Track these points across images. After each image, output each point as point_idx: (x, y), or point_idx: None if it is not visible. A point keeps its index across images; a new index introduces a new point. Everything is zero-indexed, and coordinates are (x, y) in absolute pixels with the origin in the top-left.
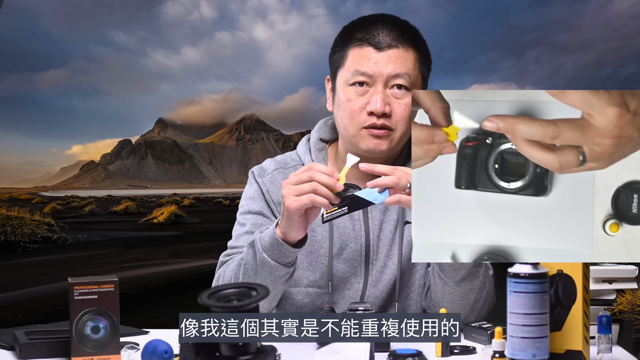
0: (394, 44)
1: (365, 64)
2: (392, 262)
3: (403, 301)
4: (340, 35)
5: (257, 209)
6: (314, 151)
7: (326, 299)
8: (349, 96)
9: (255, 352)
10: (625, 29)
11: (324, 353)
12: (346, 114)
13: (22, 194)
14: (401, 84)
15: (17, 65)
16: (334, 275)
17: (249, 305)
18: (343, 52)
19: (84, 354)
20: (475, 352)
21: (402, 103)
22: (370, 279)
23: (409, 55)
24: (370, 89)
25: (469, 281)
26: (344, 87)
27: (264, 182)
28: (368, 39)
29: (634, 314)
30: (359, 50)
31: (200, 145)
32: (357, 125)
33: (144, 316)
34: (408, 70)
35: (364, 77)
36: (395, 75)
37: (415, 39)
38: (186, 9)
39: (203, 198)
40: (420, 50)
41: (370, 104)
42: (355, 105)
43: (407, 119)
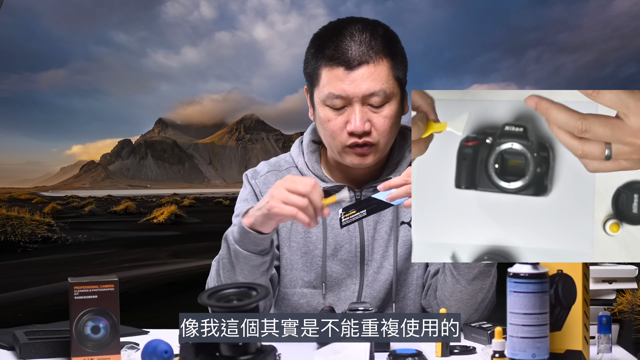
0: (364, 60)
1: (338, 86)
2: (389, 263)
3: (400, 301)
4: (311, 47)
5: None
6: (306, 153)
7: (322, 299)
8: (328, 116)
9: (255, 352)
10: (625, 29)
11: (324, 353)
12: (328, 133)
13: (22, 194)
14: (378, 104)
15: (17, 65)
16: (329, 276)
17: (249, 305)
18: (316, 70)
19: (84, 354)
20: (475, 352)
21: (381, 116)
22: (366, 280)
23: (381, 67)
24: (348, 108)
25: (481, 280)
26: (322, 106)
27: (257, 183)
28: (338, 57)
29: (634, 314)
30: (331, 71)
31: (200, 145)
32: (339, 144)
33: (144, 316)
34: (382, 86)
35: (339, 100)
36: (371, 95)
37: (387, 45)
38: (186, 9)
39: (203, 198)
40: (393, 54)
41: (350, 124)
42: (335, 125)
43: (388, 129)
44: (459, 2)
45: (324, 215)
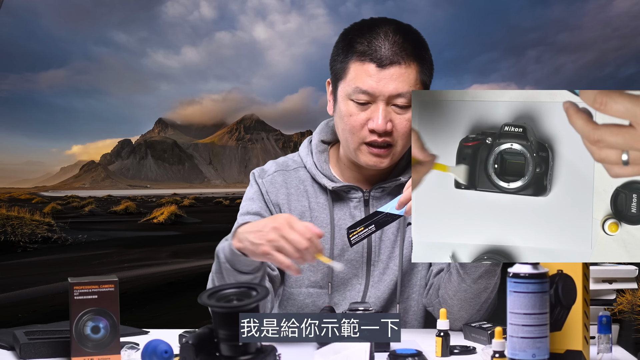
0: (396, 60)
1: (366, 81)
2: (394, 263)
3: (404, 302)
4: (341, 41)
5: (255, 209)
6: (315, 153)
7: (327, 299)
8: (350, 110)
9: (255, 352)
10: (625, 29)
11: (324, 353)
12: (347, 127)
13: (22, 194)
14: (403, 104)
15: (17, 65)
16: (336, 276)
17: (249, 305)
18: (344, 64)
19: (84, 354)
20: (475, 352)
21: (403, 118)
22: (372, 280)
23: (410, 70)
24: (372, 105)
25: (486, 279)
26: (345, 100)
27: (264, 182)
28: (370, 53)
29: (634, 314)
30: (361, 66)
31: (200, 145)
32: (358, 140)
33: (144, 316)
34: (410, 88)
35: (365, 95)
36: (397, 95)
37: (417, 49)
38: (186, 9)
39: (203, 198)
40: (422, 60)
41: (372, 121)
42: (357, 121)
43: (408, 133)
44: (459, 2)
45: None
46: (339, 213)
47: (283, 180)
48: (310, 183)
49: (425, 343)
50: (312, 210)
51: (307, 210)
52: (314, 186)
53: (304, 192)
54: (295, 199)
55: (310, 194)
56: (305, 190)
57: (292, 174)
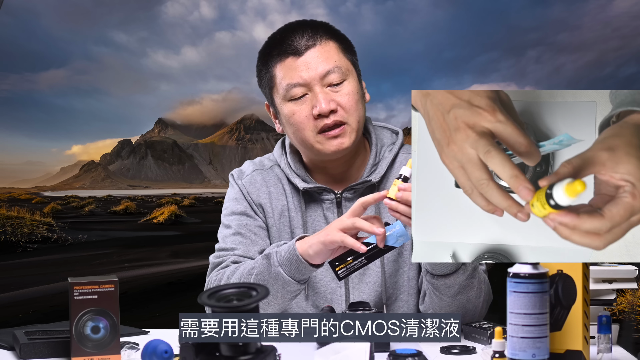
0: (311, 44)
1: (293, 75)
2: (375, 264)
3: (393, 304)
4: (259, 59)
5: (241, 209)
6: (289, 153)
7: (305, 300)
8: (292, 109)
9: (255, 352)
10: (625, 29)
11: (324, 353)
12: (296, 125)
13: (22, 194)
14: (337, 81)
15: (17, 65)
16: (311, 277)
17: (249, 305)
18: (269, 73)
19: (84, 354)
20: (475, 352)
21: (343, 94)
22: (351, 282)
23: (329, 47)
24: (309, 94)
25: (464, 293)
26: (284, 104)
27: (244, 183)
28: (286, 49)
29: (634, 314)
30: (282, 64)
31: (200, 145)
32: (310, 132)
33: (144, 316)
34: (336, 63)
35: (298, 88)
36: (327, 73)
37: (330, 31)
38: (186, 9)
39: (203, 198)
40: (339, 38)
41: (316, 108)
42: (301, 115)
43: (354, 105)
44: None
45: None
46: (312, 215)
47: (262, 179)
48: (286, 182)
49: (425, 343)
50: (289, 210)
51: (285, 209)
52: (289, 186)
53: (282, 190)
54: (275, 197)
55: (287, 193)
56: (284, 188)
57: (269, 173)
